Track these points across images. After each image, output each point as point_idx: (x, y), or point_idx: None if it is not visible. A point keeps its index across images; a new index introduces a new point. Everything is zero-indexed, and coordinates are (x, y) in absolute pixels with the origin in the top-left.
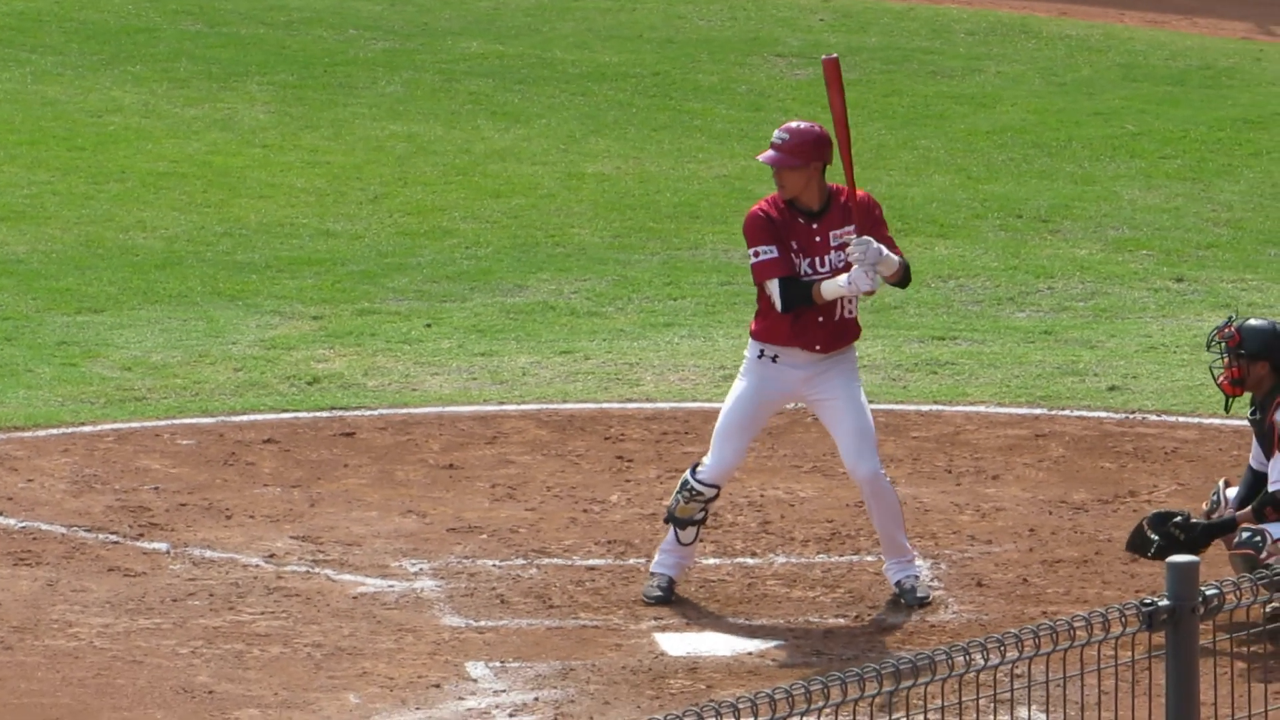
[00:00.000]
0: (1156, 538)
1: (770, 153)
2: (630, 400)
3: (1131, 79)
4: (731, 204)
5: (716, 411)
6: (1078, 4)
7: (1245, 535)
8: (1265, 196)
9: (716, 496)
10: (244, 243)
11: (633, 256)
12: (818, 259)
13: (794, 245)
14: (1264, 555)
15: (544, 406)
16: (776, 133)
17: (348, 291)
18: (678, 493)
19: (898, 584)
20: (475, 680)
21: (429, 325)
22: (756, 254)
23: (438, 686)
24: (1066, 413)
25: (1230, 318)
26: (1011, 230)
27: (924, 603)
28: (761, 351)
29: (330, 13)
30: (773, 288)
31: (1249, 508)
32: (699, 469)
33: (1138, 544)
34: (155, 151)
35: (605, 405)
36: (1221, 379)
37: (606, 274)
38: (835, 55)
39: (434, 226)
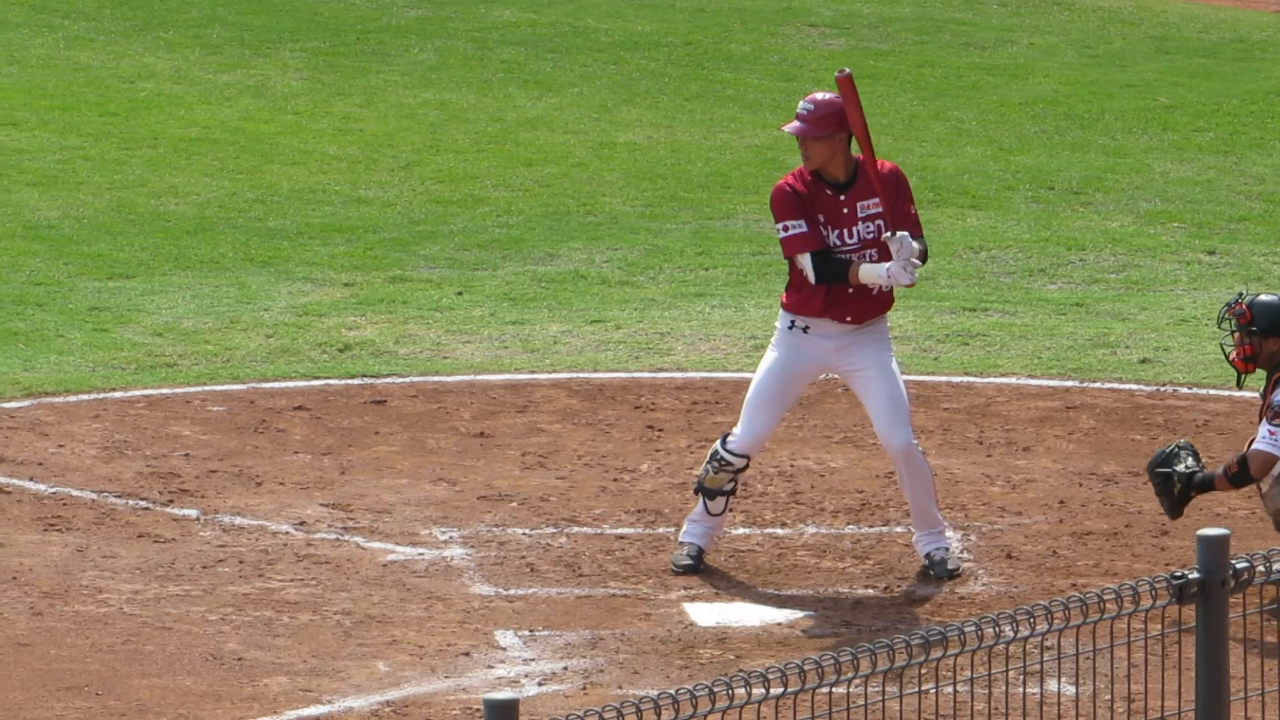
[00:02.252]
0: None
1: (795, 124)
2: (661, 370)
3: (1164, 51)
4: (763, 174)
5: (747, 382)
6: None
7: None
8: None
9: (746, 467)
10: (276, 209)
11: (664, 226)
12: (846, 230)
13: (821, 218)
14: None
15: (575, 375)
16: (801, 103)
17: (379, 259)
18: (707, 462)
19: (927, 555)
20: (504, 649)
21: (460, 293)
22: (786, 228)
23: (467, 655)
24: (1097, 385)
25: (1240, 294)
26: (1043, 202)
27: (954, 575)
28: (792, 322)
29: None
30: (804, 261)
31: (1220, 469)
32: (729, 439)
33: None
34: (187, 118)
35: (636, 374)
36: (1233, 355)
37: (638, 243)
38: (848, 71)
39: (466, 194)
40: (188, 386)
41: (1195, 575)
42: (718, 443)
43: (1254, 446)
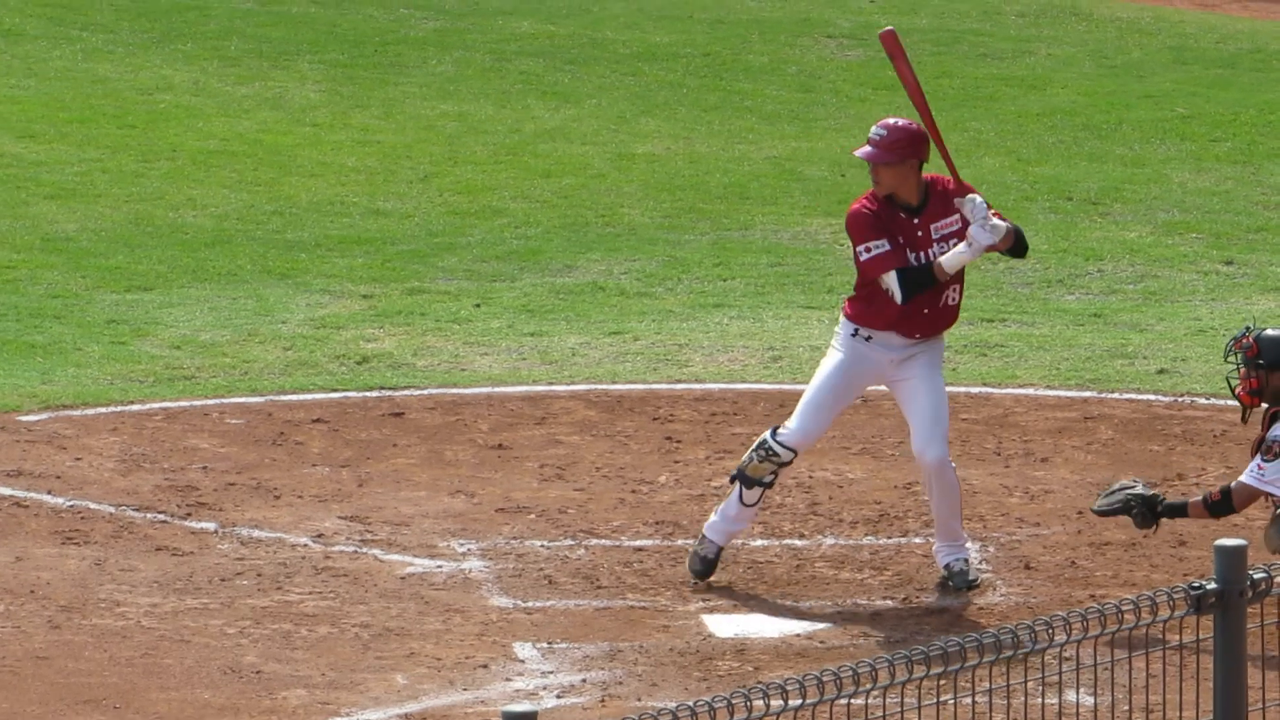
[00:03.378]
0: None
1: (867, 149)
2: (679, 381)
3: (1182, 62)
4: (781, 185)
5: (766, 393)
6: None
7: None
8: None
9: (791, 463)
10: (294, 221)
11: (682, 237)
12: (923, 253)
13: (900, 240)
14: None
15: (593, 387)
16: (874, 129)
17: (397, 271)
18: (753, 450)
19: (946, 566)
20: (523, 661)
21: (478, 305)
22: (868, 249)
23: (485, 667)
24: (1115, 395)
25: (1248, 327)
26: (1061, 213)
27: (972, 585)
28: (856, 330)
29: None
30: (890, 281)
31: (1200, 496)
32: (780, 431)
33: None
34: (205, 130)
35: (654, 386)
36: (1239, 389)
37: (656, 255)
38: (891, 28)
39: (484, 206)
40: (206, 399)
41: (1213, 586)
42: (767, 433)
43: (1241, 480)
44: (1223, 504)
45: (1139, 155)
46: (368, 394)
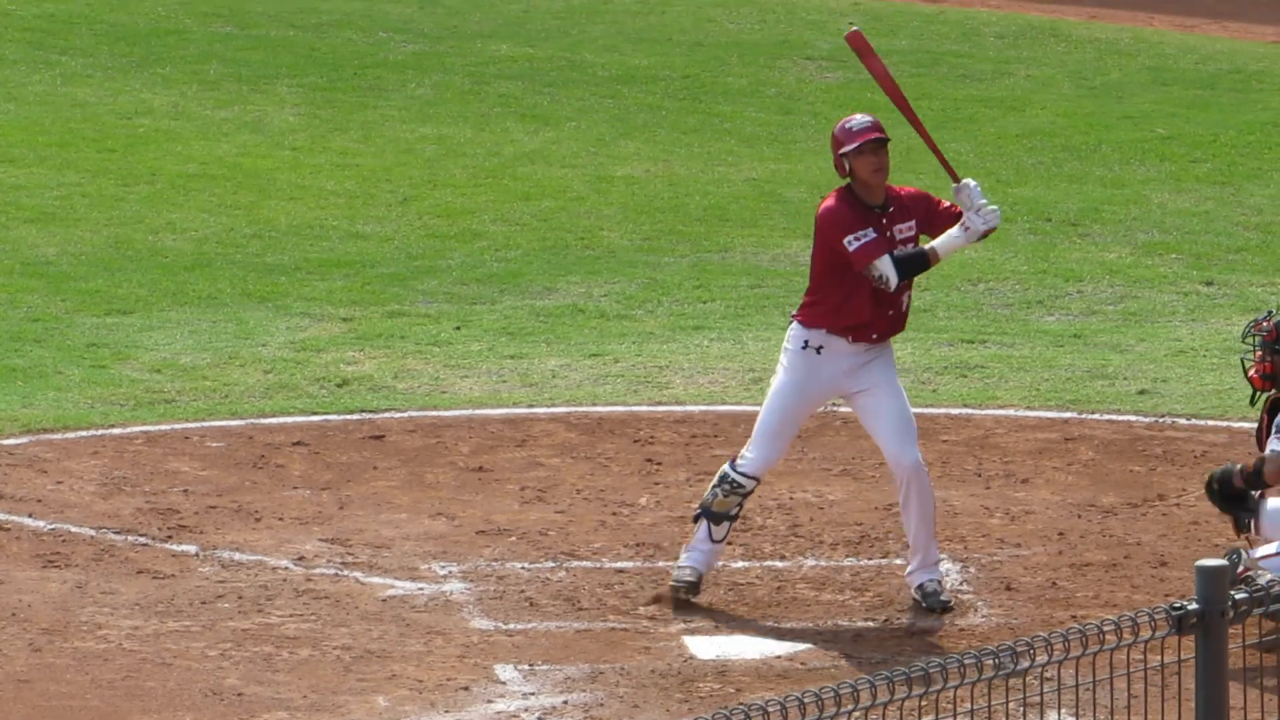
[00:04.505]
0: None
1: (881, 134)
2: (659, 403)
3: (1161, 82)
4: (761, 207)
5: (746, 414)
6: (1107, 7)
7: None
8: None
9: (752, 491)
10: (274, 245)
11: (662, 259)
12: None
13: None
14: (1240, 569)
15: (573, 409)
16: (863, 118)
17: (377, 294)
18: (715, 486)
19: (920, 587)
20: (504, 683)
21: (458, 328)
22: (856, 238)
23: (467, 689)
24: (1096, 416)
25: (1270, 312)
26: (1041, 234)
27: (946, 607)
28: (806, 343)
29: (360, 15)
30: (884, 265)
31: (1238, 466)
32: (739, 462)
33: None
34: (185, 153)
35: (635, 408)
36: (1252, 372)
37: (636, 277)
38: (856, 28)
39: (463, 229)
40: (186, 422)
41: (1194, 606)
42: (726, 466)
43: (1269, 449)
44: (1255, 477)
45: (1118, 176)
46: (348, 417)
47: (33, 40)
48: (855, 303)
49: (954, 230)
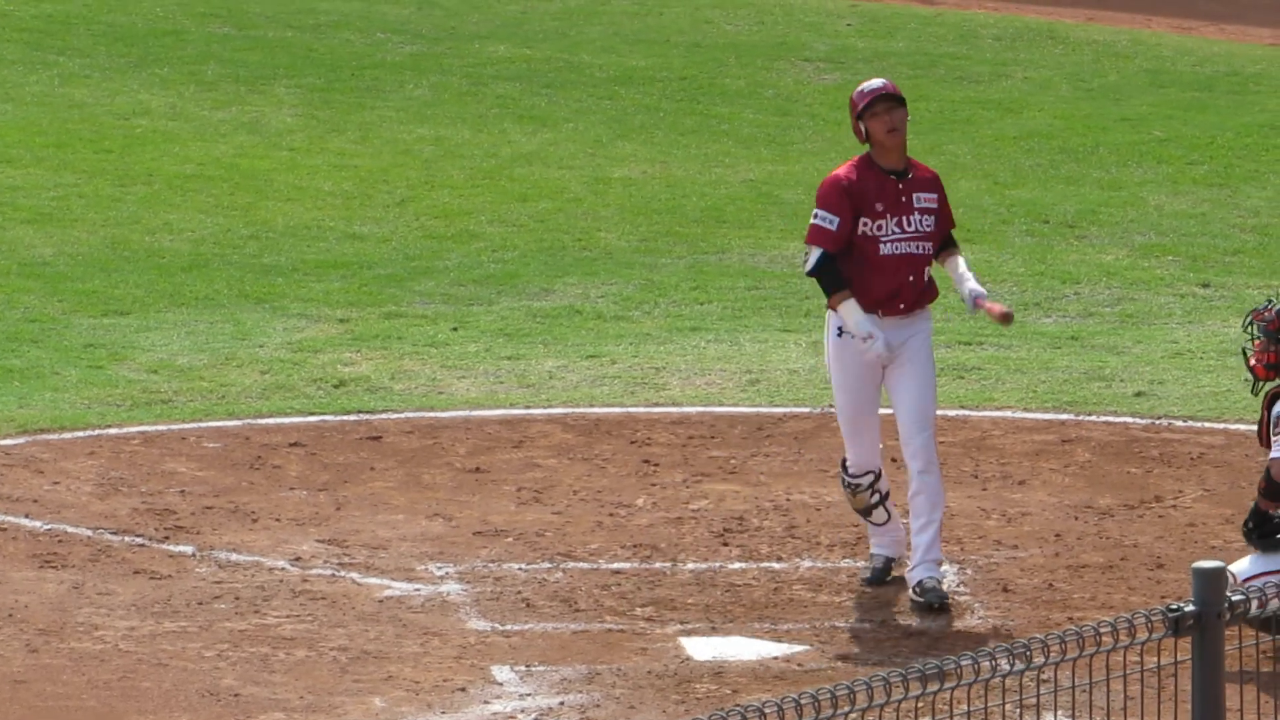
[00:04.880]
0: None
1: (897, 94)
2: (656, 404)
3: (1159, 85)
4: (758, 209)
5: (744, 416)
6: (1105, 9)
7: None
8: None
9: (879, 476)
10: (271, 246)
11: (659, 261)
12: (905, 218)
13: (879, 206)
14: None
15: (570, 410)
16: (879, 82)
17: (374, 295)
18: (845, 490)
19: (919, 583)
20: (501, 684)
21: (455, 329)
22: (818, 216)
23: (463, 690)
24: (1093, 418)
25: (1270, 300)
26: (1038, 236)
27: (943, 602)
28: (841, 329)
29: (358, 16)
30: (814, 256)
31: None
32: (847, 464)
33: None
34: (182, 154)
35: (631, 409)
36: (1255, 362)
37: (633, 278)
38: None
39: (461, 230)
40: (183, 423)
41: (1191, 608)
42: (840, 470)
43: (1272, 455)
44: (1271, 488)
45: (1115, 178)
46: (345, 417)
47: (30, 40)
48: (873, 278)
49: (855, 320)
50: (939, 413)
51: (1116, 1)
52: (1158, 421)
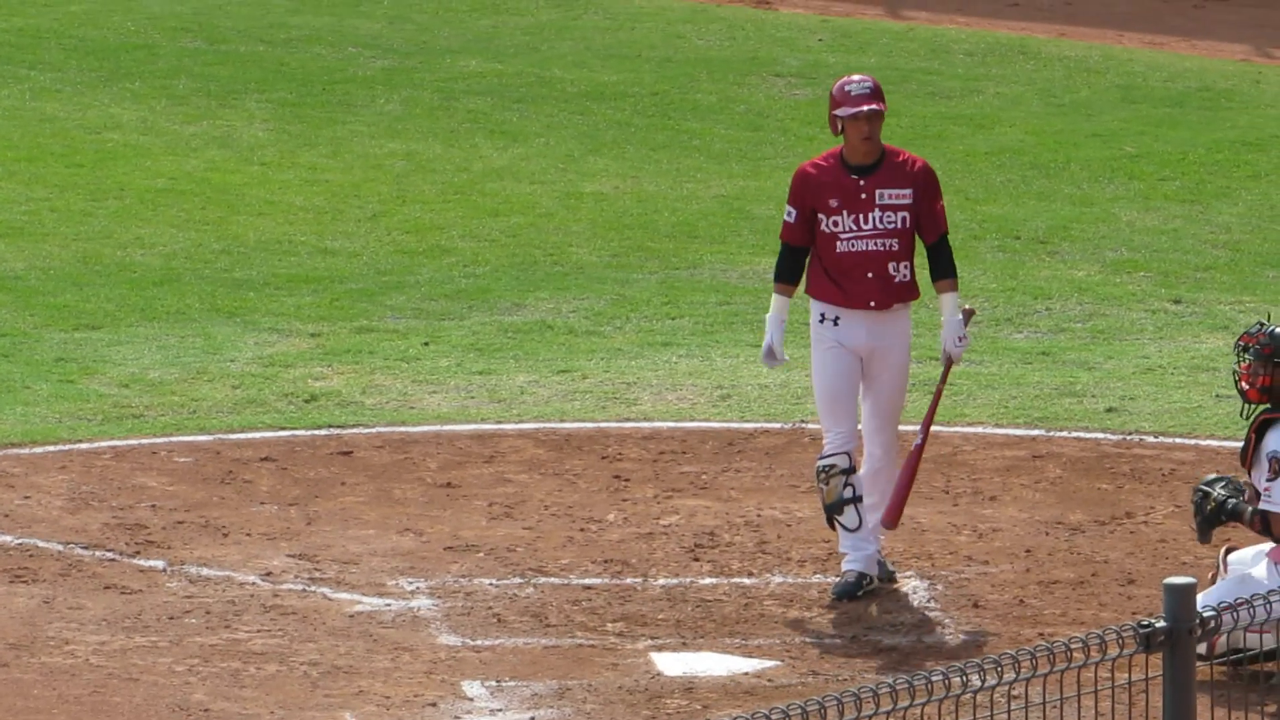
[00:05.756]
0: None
1: (875, 105)
2: (628, 419)
3: (1130, 100)
4: (729, 224)
5: (714, 431)
6: (1076, 25)
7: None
8: (1263, 219)
9: (851, 465)
10: (242, 260)
11: (631, 276)
12: (861, 215)
13: (833, 202)
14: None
15: (542, 425)
16: (857, 81)
17: (346, 309)
18: (818, 483)
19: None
20: (471, 699)
21: (427, 344)
22: (786, 212)
23: (434, 705)
24: (1064, 434)
25: (1261, 322)
26: (1009, 251)
27: (891, 578)
28: (823, 316)
29: (329, 31)
30: (782, 249)
31: (1249, 510)
32: (822, 453)
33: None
34: (154, 168)
35: (603, 424)
36: (1247, 386)
37: (604, 293)
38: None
39: (432, 245)
40: (154, 438)
41: (1162, 624)
42: (816, 461)
43: (1261, 508)
44: (1265, 531)
45: (1087, 194)
46: (316, 432)
47: (1, 55)
48: (834, 274)
49: (775, 337)
50: (910, 428)
51: (1088, 17)
52: (1129, 437)
